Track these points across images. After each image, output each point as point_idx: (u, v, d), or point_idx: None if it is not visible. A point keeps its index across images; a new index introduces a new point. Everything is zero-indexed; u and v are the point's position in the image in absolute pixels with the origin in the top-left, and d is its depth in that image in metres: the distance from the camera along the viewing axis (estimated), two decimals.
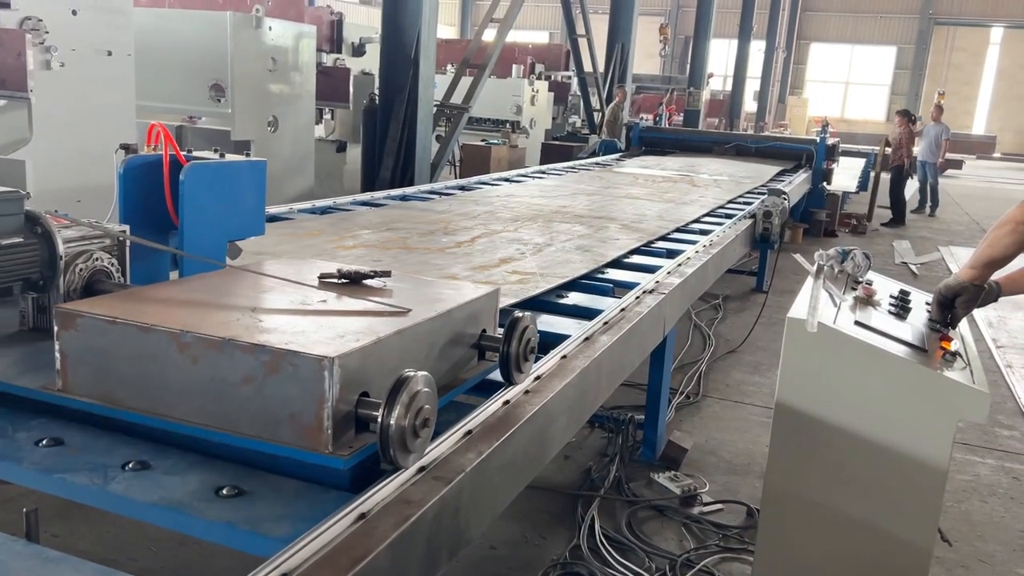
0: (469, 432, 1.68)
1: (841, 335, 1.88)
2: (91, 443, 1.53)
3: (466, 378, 1.82)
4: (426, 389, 1.40)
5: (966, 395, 1.79)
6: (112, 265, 1.92)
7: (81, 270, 1.86)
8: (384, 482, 1.40)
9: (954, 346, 1.96)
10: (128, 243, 1.95)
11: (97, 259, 1.88)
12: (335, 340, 1.43)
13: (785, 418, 1.96)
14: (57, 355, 1.55)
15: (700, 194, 6.28)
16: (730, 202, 6.04)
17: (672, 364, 3.90)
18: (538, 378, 2.04)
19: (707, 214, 5.29)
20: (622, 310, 2.75)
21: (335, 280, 1.82)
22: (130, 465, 1.45)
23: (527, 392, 1.95)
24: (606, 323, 2.59)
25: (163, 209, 2.05)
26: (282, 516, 1.34)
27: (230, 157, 2.16)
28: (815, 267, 2.21)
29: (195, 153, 2.11)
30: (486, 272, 3.10)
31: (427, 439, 1.45)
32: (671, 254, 3.86)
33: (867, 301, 2.19)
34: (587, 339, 2.41)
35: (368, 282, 1.84)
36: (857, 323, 1.97)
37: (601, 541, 2.92)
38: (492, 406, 1.81)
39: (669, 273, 3.39)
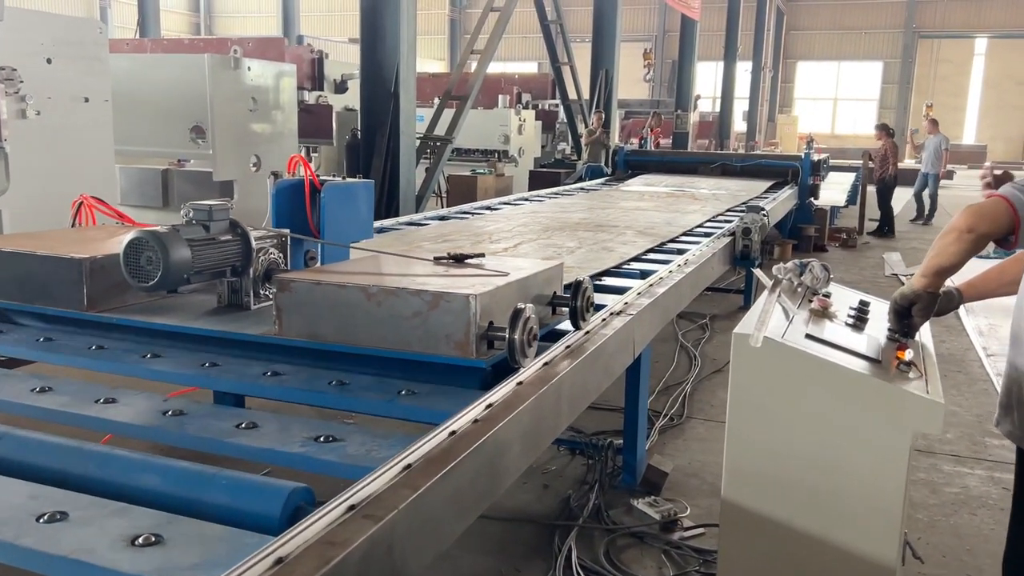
0: (408, 466, 1.62)
1: (788, 349, 1.83)
2: (3, 496, 1.48)
3: (545, 324, 2.41)
4: (533, 316, 2.07)
5: (919, 406, 1.73)
6: (280, 257, 2.54)
7: (263, 260, 2.48)
8: (307, 522, 1.35)
9: (909, 355, 1.90)
10: (289, 241, 2.58)
11: (271, 253, 2.50)
12: (471, 287, 2.05)
13: (737, 436, 1.90)
14: (275, 310, 2.18)
15: (701, 205, 6.92)
16: (728, 210, 6.65)
17: (648, 387, 3.84)
18: (489, 406, 1.99)
19: (710, 219, 5.91)
20: (586, 333, 2.70)
21: (446, 259, 2.41)
22: (45, 516, 1.40)
23: (476, 421, 1.90)
24: (568, 347, 2.53)
25: (303, 218, 2.65)
26: (197, 564, 1.28)
27: (348, 180, 2.81)
28: (771, 281, 2.16)
29: (323, 178, 2.70)
30: None
31: (535, 348, 2.13)
32: (644, 274, 3.82)
33: (822, 313, 2.14)
34: (546, 364, 2.36)
35: (469, 260, 2.40)
36: (808, 336, 1.92)
37: (577, 572, 2.84)
38: (436, 438, 1.76)
39: (639, 294, 3.35)
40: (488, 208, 6.76)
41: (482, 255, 2.46)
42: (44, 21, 5.51)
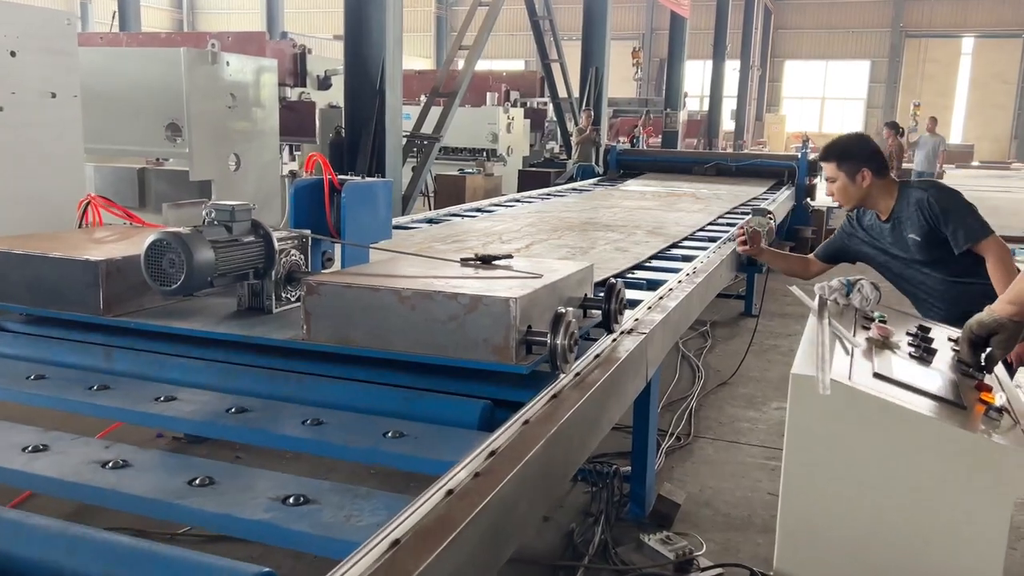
0: (396, 542, 1.32)
1: (861, 394, 1.52)
2: None
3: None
4: (574, 320, 2.00)
5: (1022, 464, 1.44)
6: (301, 259, 2.45)
7: (284, 262, 2.38)
8: None
9: (999, 399, 1.61)
10: (310, 242, 2.50)
11: (292, 254, 2.41)
12: (509, 290, 1.95)
13: (796, 494, 1.60)
14: (303, 314, 2.07)
15: (705, 205, 6.82)
16: (732, 210, 6.54)
17: (659, 407, 3.54)
18: (492, 454, 1.68)
19: (714, 220, 5.84)
20: (596, 356, 2.40)
21: (474, 260, 2.30)
22: None
23: (477, 475, 1.59)
24: (578, 374, 2.23)
25: (321, 218, 2.56)
26: None
27: (367, 179, 2.71)
28: (816, 302, 1.86)
29: (341, 177, 2.60)
30: None
31: (575, 353, 2.05)
32: (652, 285, 3.53)
33: (884, 344, 1.84)
34: (555, 396, 2.06)
35: (497, 262, 2.30)
36: (876, 375, 1.62)
37: None
38: (430, 500, 1.45)
39: (650, 308, 3.05)
40: (479, 210, 6.45)
41: (510, 256, 2.37)
42: (7, 12, 5.16)
